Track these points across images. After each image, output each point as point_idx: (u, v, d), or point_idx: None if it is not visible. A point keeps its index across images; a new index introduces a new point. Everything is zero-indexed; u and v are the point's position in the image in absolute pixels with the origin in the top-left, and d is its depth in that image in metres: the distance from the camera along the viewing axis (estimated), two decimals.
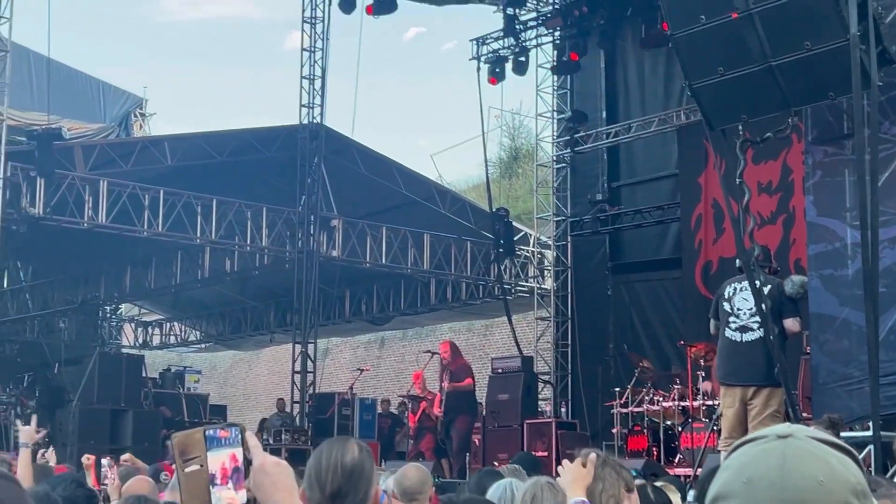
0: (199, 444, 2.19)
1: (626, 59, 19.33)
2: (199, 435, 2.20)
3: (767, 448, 1.58)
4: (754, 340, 9.49)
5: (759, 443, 1.61)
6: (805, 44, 8.56)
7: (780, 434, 1.60)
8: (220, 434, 2.19)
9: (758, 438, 1.62)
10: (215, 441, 2.19)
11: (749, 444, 1.62)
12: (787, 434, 1.59)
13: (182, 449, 2.20)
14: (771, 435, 1.61)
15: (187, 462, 2.19)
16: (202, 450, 2.18)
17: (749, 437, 1.65)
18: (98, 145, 18.95)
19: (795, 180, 15.57)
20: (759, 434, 1.63)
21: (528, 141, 33.14)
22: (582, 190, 19.96)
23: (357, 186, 20.14)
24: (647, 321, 18.54)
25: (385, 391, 26.96)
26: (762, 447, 1.59)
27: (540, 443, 16.19)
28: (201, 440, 2.19)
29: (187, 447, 2.20)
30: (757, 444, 1.61)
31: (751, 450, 1.60)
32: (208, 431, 2.20)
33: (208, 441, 2.18)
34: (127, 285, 23.52)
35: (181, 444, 2.21)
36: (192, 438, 2.21)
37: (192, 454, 2.19)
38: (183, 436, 2.22)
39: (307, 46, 19.36)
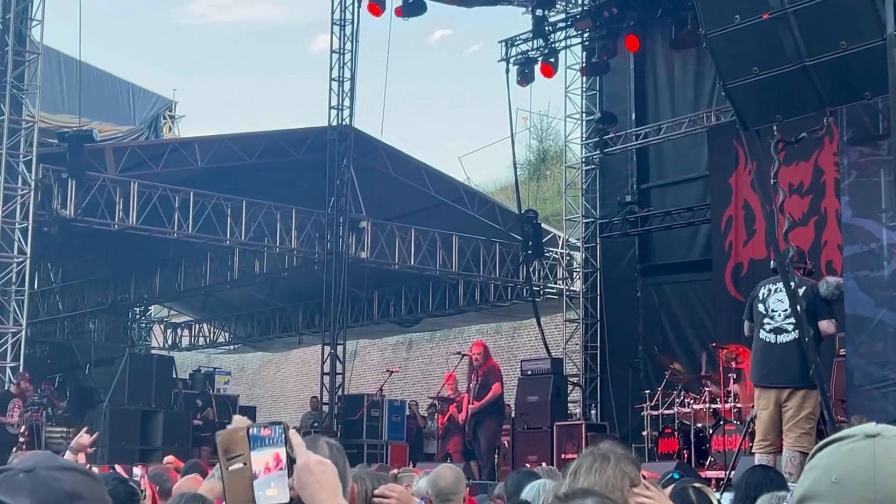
0: (243, 443, 2.18)
1: (655, 60, 19.26)
2: (243, 433, 2.19)
3: (856, 447, 1.55)
4: (789, 342, 9.41)
5: (846, 442, 1.58)
6: (841, 43, 8.50)
7: (868, 433, 1.57)
8: (263, 433, 2.18)
9: (845, 438, 1.59)
10: (259, 440, 2.18)
11: (836, 443, 1.59)
12: (875, 433, 1.56)
13: (226, 447, 2.19)
14: (859, 434, 1.57)
15: (231, 460, 2.18)
16: (245, 448, 2.17)
17: (835, 436, 1.62)
18: (129, 147, 19.05)
19: (827, 182, 15.48)
20: (846, 433, 1.60)
21: (556, 143, 33.06)
22: (611, 192, 19.90)
23: (386, 188, 20.15)
24: (677, 323, 18.45)
25: (412, 393, 26.96)
26: (850, 446, 1.56)
27: (569, 445, 16.14)
28: (244, 438, 2.18)
29: (231, 445, 2.19)
30: (845, 444, 1.57)
31: (838, 449, 1.57)
32: (252, 430, 2.19)
33: (251, 440, 2.17)
34: (157, 287, 23.63)
35: (225, 442, 2.20)
36: (235, 437, 2.20)
37: (235, 452, 2.18)
38: (226, 434, 2.22)
39: (336, 48, 19.39)
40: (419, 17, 18.37)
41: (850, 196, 9.95)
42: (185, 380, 22.01)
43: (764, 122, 9.54)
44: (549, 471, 6.94)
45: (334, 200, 19.07)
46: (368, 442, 18.93)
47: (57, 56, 21.20)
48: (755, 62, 8.96)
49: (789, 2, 8.60)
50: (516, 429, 17.25)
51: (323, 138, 19.30)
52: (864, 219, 9.72)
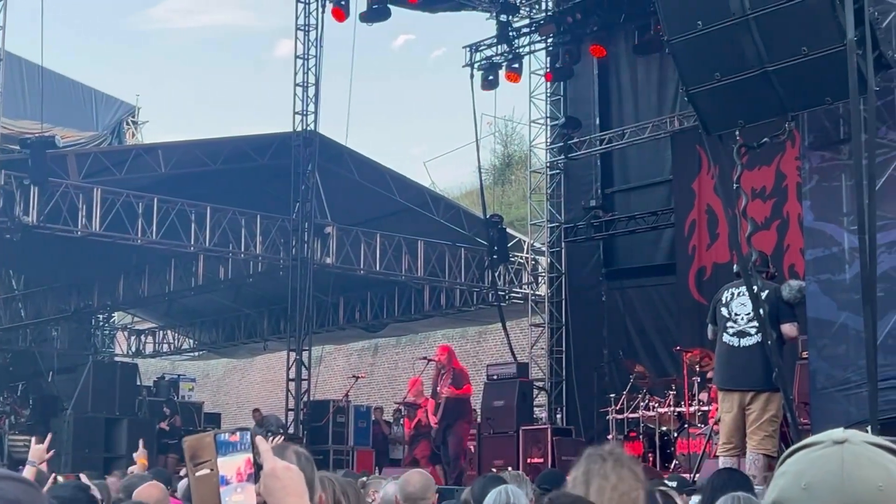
0: (210, 448, 2.18)
1: (619, 65, 19.35)
2: (210, 439, 2.19)
3: (825, 454, 1.58)
4: (752, 345, 9.48)
5: (815, 448, 1.60)
6: (802, 49, 8.58)
7: (836, 439, 1.59)
8: (230, 438, 2.19)
9: (813, 444, 1.62)
10: (226, 446, 2.18)
11: (804, 450, 1.62)
12: (843, 439, 1.59)
13: (193, 453, 2.19)
14: (827, 440, 1.60)
15: (198, 466, 2.18)
16: (212, 454, 2.17)
17: (803, 442, 1.64)
18: (92, 153, 18.93)
19: (789, 186, 15.61)
20: (815, 440, 1.63)
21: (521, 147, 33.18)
22: (575, 196, 19.97)
23: (351, 194, 20.13)
24: (642, 327, 18.54)
25: (379, 398, 26.95)
26: (819, 453, 1.59)
27: (535, 449, 16.17)
28: (211, 444, 2.18)
29: (198, 451, 2.19)
30: (813, 450, 1.60)
31: (807, 456, 1.60)
32: (219, 435, 2.20)
33: (218, 445, 2.18)
34: (120, 293, 23.49)
35: (192, 447, 2.20)
36: (202, 442, 2.20)
37: (202, 458, 2.18)
38: (193, 440, 2.22)
39: (300, 54, 19.35)
40: (382, 23, 18.38)
41: (811, 200, 10.03)
42: (149, 387, 21.92)
43: (726, 127, 9.62)
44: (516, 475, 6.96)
45: (299, 206, 19.03)
46: (334, 448, 18.90)
47: (19, 62, 21.04)
48: (717, 68, 9.03)
49: (751, 8, 8.68)
50: (482, 433, 17.26)
51: (288, 144, 19.25)
52: (826, 223, 9.81)
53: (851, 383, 9.36)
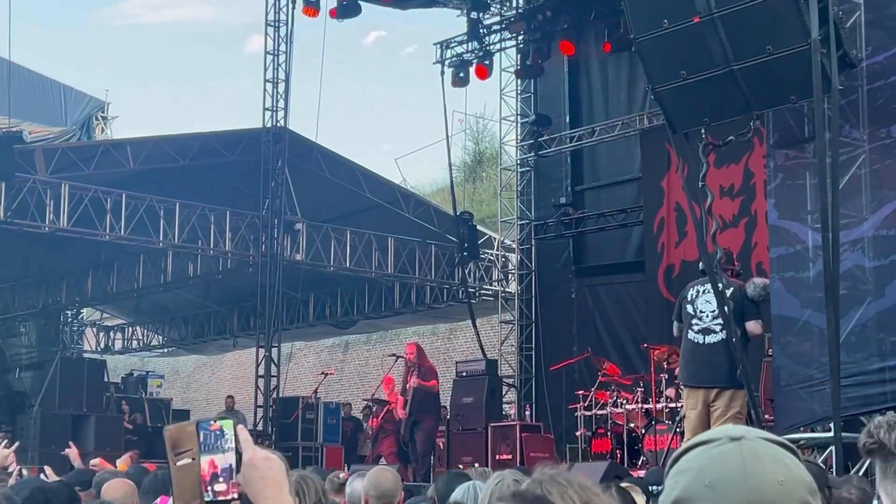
0: (192, 438, 2.17)
1: (589, 63, 19.40)
2: (192, 428, 2.19)
3: (725, 451, 1.61)
4: (717, 343, 9.55)
5: (713, 445, 1.63)
6: (767, 48, 8.64)
7: (732, 436, 1.63)
8: (212, 428, 2.18)
9: (710, 441, 1.64)
10: (208, 435, 2.17)
11: (702, 446, 1.64)
12: (739, 436, 1.62)
13: (174, 442, 2.19)
14: (723, 437, 1.63)
15: (179, 455, 2.17)
16: (194, 443, 2.16)
17: (699, 439, 1.67)
18: (59, 149, 18.81)
19: (757, 184, 15.69)
20: (710, 436, 1.65)
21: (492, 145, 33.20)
22: (546, 194, 20.01)
23: (321, 190, 20.10)
24: (611, 324, 18.60)
25: (349, 395, 26.93)
26: (718, 450, 1.62)
27: (504, 446, 16.21)
28: (193, 433, 2.17)
29: (179, 441, 2.18)
30: (712, 447, 1.63)
31: (707, 453, 1.62)
32: (201, 424, 2.19)
33: (200, 435, 2.17)
34: (89, 289, 23.37)
35: (173, 437, 2.19)
36: (184, 431, 2.19)
37: (183, 447, 2.17)
38: (175, 429, 2.21)
39: (270, 50, 19.29)
40: (353, 19, 18.36)
41: (776, 198, 10.10)
42: (117, 383, 21.80)
43: (692, 125, 9.68)
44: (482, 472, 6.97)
45: (269, 202, 18.97)
46: (303, 444, 18.86)
47: None
48: (683, 66, 9.08)
49: (716, 7, 8.73)
50: (451, 430, 17.29)
51: (257, 140, 19.19)
52: (790, 221, 9.88)
53: (815, 380, 9.43)
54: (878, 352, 9.30)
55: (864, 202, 9.38)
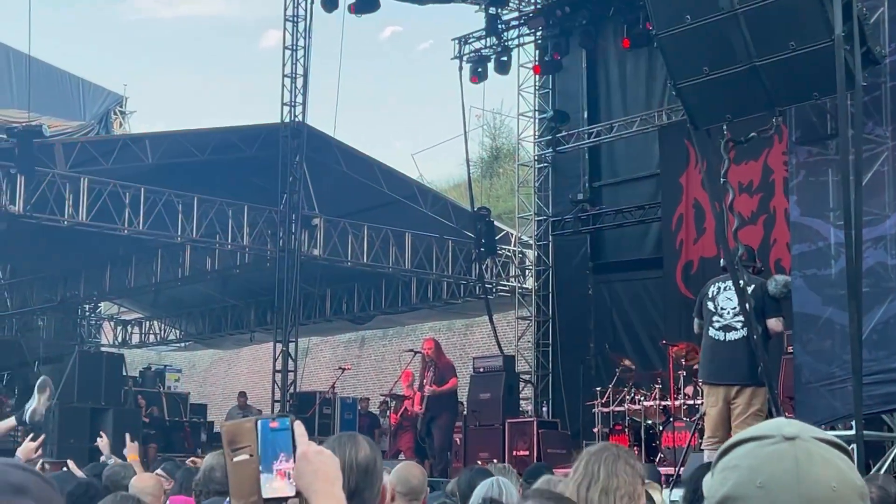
0: (249, 434, 2.17)
1: (607, 59, 19.36)
2: (250, 424, 2.19)
3: (778, 451, 1.58)
4: (738, 340, 9.52)
5: (766, 443, 1.60)
6: (790, 44, 8.60)
7: (786, 435, 1.60)
8: (270, 424, 2.18)
9: (762, 437, 1.62)
10: (266, 432, 2.17)
11: (754, 442, 1.62)
12: (794, 436, 1.60)
13: (231, 438, 2.19)
14: (777, 436, 1.60)
15: (236, 451, 2.17)
16: (252, 440, 2.16)
17: (751, 434, 1.64)
18: (79, 143, 18.85)
19: (776, 181, 15.64)
20: (763, 433, 1.63)
21: (510, 141, 33.17)
22: (563, 190, 19.99)
23: (339, 185, 20.09)
24: (628, 321, 18.57)
25: (365, 390, 26.94)
26: (771, 449, 1.59)
27: (521, 442, 16.21)
28: (252, 429, 2.17)
29: (236, 436, 2.19)
30: (765, 445, 1.60)
31: (760, 451, 1.60)
32: (259, 421, 2.19)
33: (260, 431, 2.17)
34: (107, 283, 23.44)
35: (230, 433, 2.19)
36: (241, 428, 2.19)
37: (241, 443, 2.18)
38: (232, 425, 2.22)
39: (289, 45, 19.29)
40: (370, 14, 18.35)
41: (798, 195, 10.05)
42: (135, 377, 21.86)
43: (714, 121, 9.64)
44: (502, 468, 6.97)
45: (287, 197, 18.98)
46: (321, 439, 18.83)
47: (6, 51, 20.96)
48: (706, 62, 9.04)
49: (739, 3, 8.69)
50: (468, 426, 17.29)
51: (275, 135, 19.19)
52: (812, 218, 9.83)
53: (836, 378, 9.38)
54: None
55: (886, 199, 9.33)
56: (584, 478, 3.84)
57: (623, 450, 4.06)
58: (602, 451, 3.93)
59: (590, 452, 3.96)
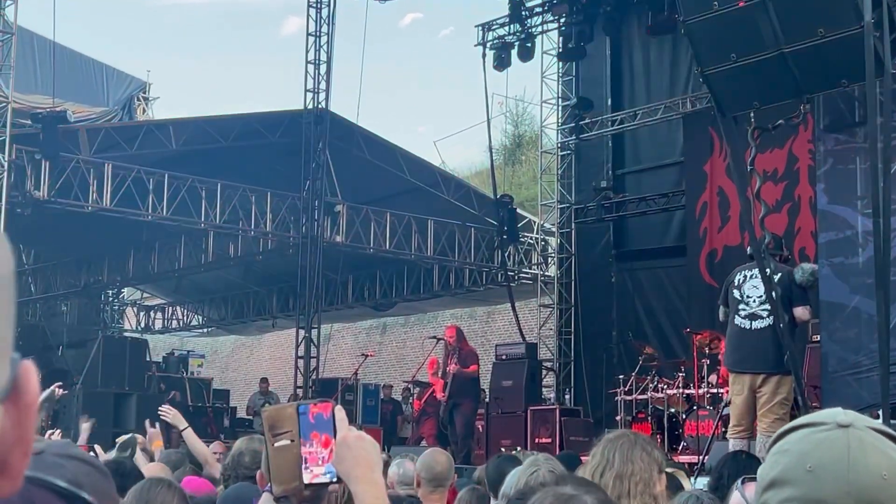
0: (291, 420, 2.17)
1: (631, 45, 19.28)
2: (292, 410, 2.19)
3: (830, 437, 1.58)
4: (764, 328, 9.47)
5: (818, 430, 1.60)
6: (818, 30, 8.53)
7: (840, 423, 1.59)
8: (312, 409, 2.18)
9: (816, 424, 1.61)
10: (307, 417, 2.17)
11: (806, 428, 1.62)
12: (847, 423, 1.59)
13: (272, 423, 2.19)
14: (831, 423, 1.60)
15: (277, 437, 2.17)
16: (294, 425, 2.16)
17: (804, 421, 1.64)
18: (103, 129, 18.93)
19: (801, 169, 15.56)
20: (817, 419, 1.62)
21: (532, 128, 33.11)
22: (586, 177, 19.93)
23: (361, 172, 20.11)
24: (651, 309, 18.52)
25: (386, 377, 26.98)
26: (824, 435, 1.59)
27: (543, 429, 16.21)
28: (293, 415, 2.17)
29: (277, 421, 2.19)
30: (817, 431, 1.60)
31: (811, 437, 1.59)
32: (301, 407, 2.19)
33: (300, 416, 2.17)
34: (130, 269, 23.54)
35: (271, 418, 2.20)
36: (283, 413, 2.20)
37: (282, 429, 2.18)
38: (273, 410, 2.22)
39: (312, 31, 19.30)
40: (391, 1, 18.33)
41: (825, 183, 10.00)
42: (158, 363, 21.96)
43: (742, 108, 9.58)
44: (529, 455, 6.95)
45: (310, 184, 19.02)
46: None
47: (30, 37, 21.00)
48: (733, 49, 8.98)
49: None
50: (490, 413, 17.30)
51: (299, 121, 19.23)
52: (840, 206, 9.78)
53: (863, 367, 9.35)
54: None
55: None
56: (600, 464, 3.83)
57: (641, 437, 4.05)
58: (619, 437, 3.93)
59: (607, 439, 3.96)
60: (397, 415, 20.64)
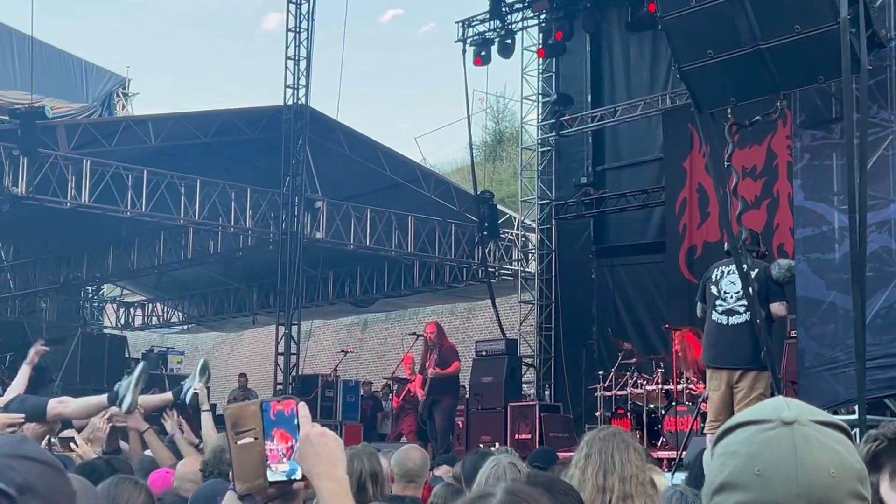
0: (254, 417, 2.16)
1: (611, 42, 19.30)
2: (255, 407, 2.18)
3: (776, 436, 1.57)
4: (741, 324, 9.50)
5: (763, 428, 1.59)
6: (795, 27, 8.56)
7: (784, 420, 1.58)
8: (275, 406, 2.17)
9: (760, 422, 1.60)
10: (270, 414, 2.16)
11: (751, 426, 1.60)
12: (792, 420, 1.58)
13: (234, 421, 2.17)
14: (775, 420, 1.59)
15: (240, 434, 2.16)
16: (257, 422, 2.15)
17: (748, 418, 1.62)
18: (81, 124, 18.83)
19: (780, 165, 15.61)
20: (760, 416, 1.61)
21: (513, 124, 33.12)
22: (566, 173, 19.94)
23: (342, 168, 20.08)
24: (631, 305, 18.55)
25: (367, 373, 26.97)
26: (769, 435, 1.58)
27: (523, 425, 16.22)
28: (256, 412, 2.16)
29: (240, 419, 2.17)
30: (762, 431, 1.59)
31: (758, 437, 1.58)
32: (264, 404, 2.18)
33: (264, 414, 2.16)
34: (109, 266, 23.44)
35: (234, 415, 2.18)
36: (246, 410, 2.18)
37: (245, 426, 2.16)
38: (236, 408, 2.20)
39: (292, 27, 19.25)
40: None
41: (802, 179, 10.03)
42: (137, 359, 21.88)
43: (719, 104, 9.61)
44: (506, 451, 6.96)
45: (289, 180, 18.97)
46: (323, 422, 18.50)
47: (9, 32, 20.93)
48: (710, 45, 9.01)
49: None
50: (470, 409, 17.30)
51: (278, 117, 19.18)
52: (816, 202, 9.81)
53: (839, 362, 9.38)
54: None
55: (891, 183, 9.31)
56: (601, 466, 3.83)
57: (628, 435, 4.07)
58: (612, 437, 3.93)
59: (599, 439, 3.96)
60: (377, 411, 20.63)
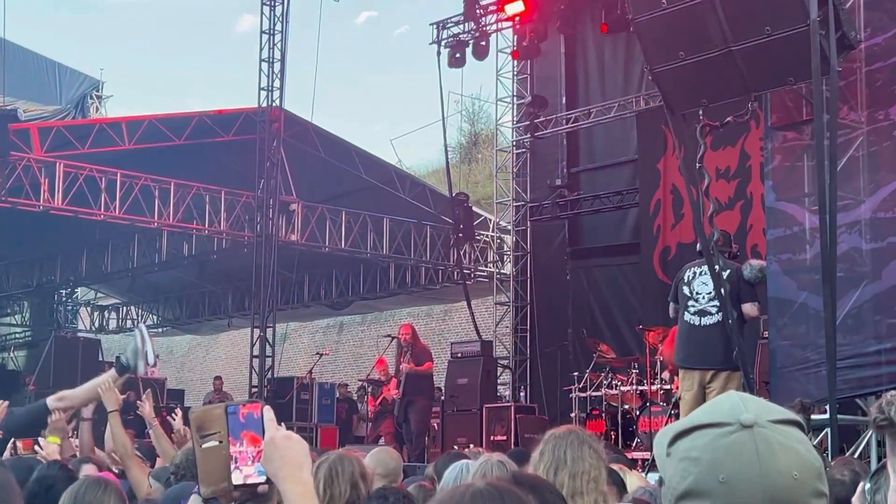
0: (219, 421, 2.16)
1: (586, 44, 19.33)
2: (220, 411, 2.17)
3: (737, 442, 1.56)
4: (713, 324, 9.54)
5: (724, 432, 1.57)
6: (765, 29, 8.59)
7: (744, 423, 1.57)
8: (241, 410, 2.16)
9: (719, 425, 1.58)
10: (236, 418, 2.15)
11: (711, 430, 1.59)
12: (751, 423, 1.57)
13: (199, 424, 2.17)
14: (734, 423, 1.57)
15: (205, 438, 2.15)
16: (222, 426, 2.15)
17: (705, 420, 1.60)
18: (54, 127, 18.73)
19: (753, 166, 15.67)
20: (719, 419, 1.59)
21: (488, 126, 33.14)
22: (541, 175, 19.96)
23: (317, 170, 20.05)
24: (606, 306, 18.58)
25: (343, 376, 26.92)
26: (730, 440, 1.56)
27: (499, 427, 16.23)
28: (221, 416, 2.16)
29: (205, 423, 2.17)
30: (723, 436, 1.57)
31: (719, 442, 1.57)
32: (229, 407, 2.17)
33: (229, 418, 2.15)
34: (83, 269, 23.35)
35: (199, 419, 2.17)
36: (211, 414, 2.18)
37: (210, 430, 2.16)
38: (201, 411, 2.20)
39: (266, 29, 19.21)
40: None
41: (773, 180, 10.07)
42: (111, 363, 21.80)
43: (690, 106, 9.64)
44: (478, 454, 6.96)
45: (264, 182, 18.94)
46: (298, 425, 18.84)
47: None
48: (681, 47, 9.03)
49: None
50: (446, 411, 17.30)
51: (253, 120, 19.14)
52: (788, 203, 9.86)
53: (811, 362, 9.42)
54: (875, 334, 9.30)
55: (861, 184, 9.37)
56: (552, 462, 3.86)
57: (587, 434, 4.10)
58: (567, 435, 3.96)
59: (555, 436, 3.98)
60: (353, 413, 20.59)
